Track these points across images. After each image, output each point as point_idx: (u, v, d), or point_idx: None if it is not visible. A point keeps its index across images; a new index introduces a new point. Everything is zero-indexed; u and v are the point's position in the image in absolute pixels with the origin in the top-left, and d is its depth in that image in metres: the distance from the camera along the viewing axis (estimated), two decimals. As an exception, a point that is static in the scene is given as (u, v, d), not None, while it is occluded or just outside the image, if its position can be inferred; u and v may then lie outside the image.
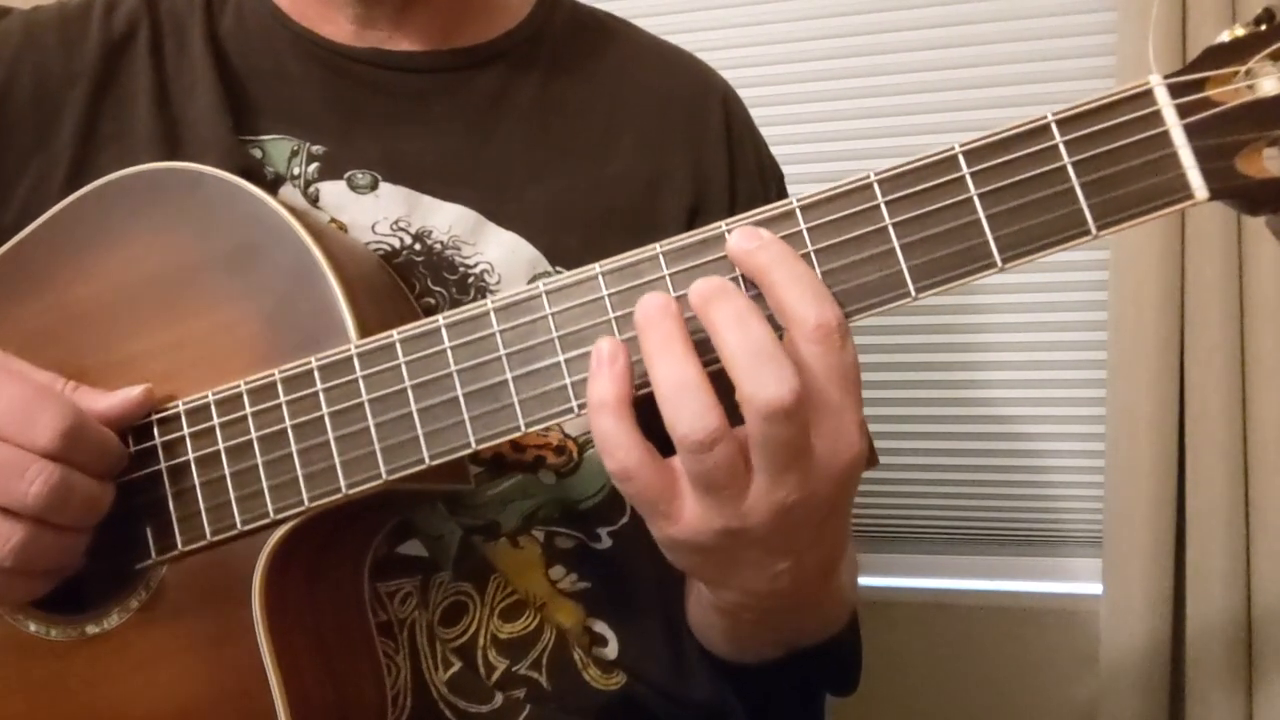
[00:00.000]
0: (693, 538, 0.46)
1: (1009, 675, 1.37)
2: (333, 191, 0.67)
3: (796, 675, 0.70)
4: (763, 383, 0.42)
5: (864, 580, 0.72)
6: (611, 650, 0.69)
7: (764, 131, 0.84)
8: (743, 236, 0.46)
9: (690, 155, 0.75)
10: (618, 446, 0.44)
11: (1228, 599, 1.16)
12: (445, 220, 0.68)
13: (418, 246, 0.67)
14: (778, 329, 0.45)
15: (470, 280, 0.67)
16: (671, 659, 0.71)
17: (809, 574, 0.50)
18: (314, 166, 0.67)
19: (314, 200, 0.67)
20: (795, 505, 0.45)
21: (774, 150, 0.83)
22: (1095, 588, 1.27)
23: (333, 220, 0.66)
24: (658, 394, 0.44)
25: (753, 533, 0.45)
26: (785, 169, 0.84)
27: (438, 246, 0.67)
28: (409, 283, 0.66)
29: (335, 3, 0.71)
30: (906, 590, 1.42)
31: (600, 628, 0.69)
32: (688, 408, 0.43)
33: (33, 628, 0.57)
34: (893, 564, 1.44)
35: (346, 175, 0.67)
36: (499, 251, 0.68)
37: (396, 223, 0.67)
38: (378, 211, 0.67)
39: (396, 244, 0.67)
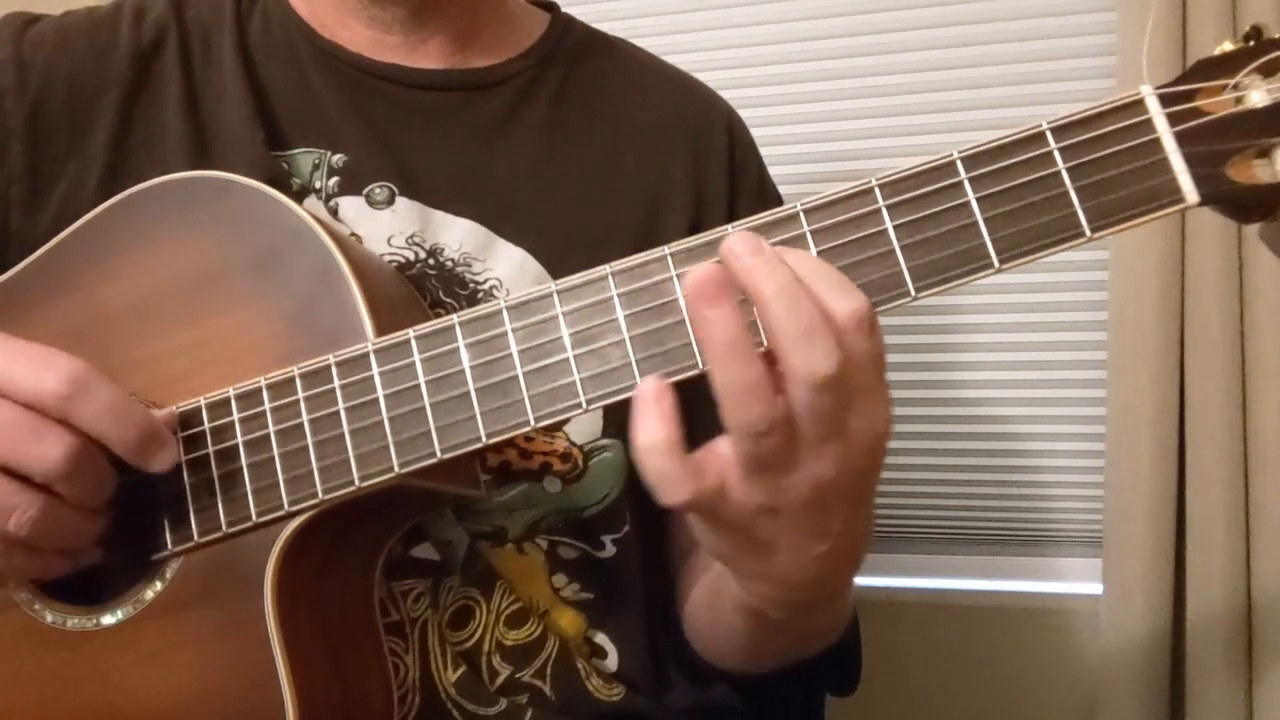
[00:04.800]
0: (735, 516, 0.46)
1: (1009, 675, 1.37)
2: (351, 206, 0.69)
3: (798, 678, 0.71)
4: (812, 356, 0.42)
5: (864, 580, 0.72)
6: (611, 662, 0.70)
7: (765, 132, 0.85)
8: (741, 240, 0.45)
9: (692, 178, 0.76)
10: (674, 483, 0.43)
11: (1228, 599, 1.16)
12: (456, 236, 0.69)
13: (431, 261, 0.68)
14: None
15: (480, 296, 0.68)
16: (669, 672, 0.72)
17: (841, 561, 0.50)
18: (334, 180, 0.69)
19: (334, 213, 0.69)
20: (833, 480, 0.45)
21: (775, 151, 0.84)
22: (1095, 588, 1.27)
23: (351, 234, 0.68)
24: (720, 392, 0.43)
25: (790, 508, 0.45)
26: (786, 169, 0.85)
27: (449, 264, 0.69)
28: (421, 293, 0.67)
29: (350, 8, 0.72)
30: (906, 590, 1.41)
31: (601, 639, 0.70)
32: (755, 408, 0.42)
33: (49, 618, 0.58)
34: (893, 564, 1.44)
35: (365, 191, 0.69)
36: (508, 267, 0.69)
37: (411, 238, 0.68)
38: (393, 226, 0.68)
39: (411, 256, 0.68)
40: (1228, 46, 0.43)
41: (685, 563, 0.76)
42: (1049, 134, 0.46)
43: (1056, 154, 0.46)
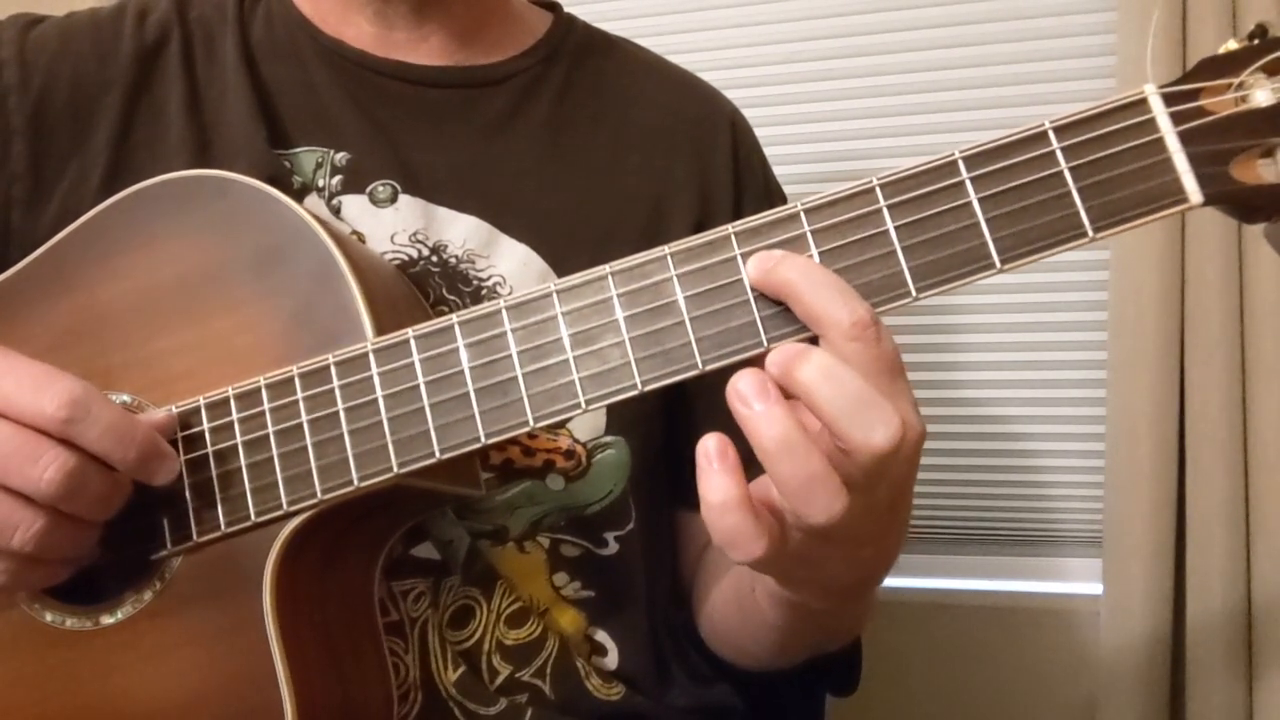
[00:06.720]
0: (792, 551, 0.45)
1: (1009, 675, 1.37)
2: (354, 204, 0.69)
3: (800, 677, 0.71)
4: (871, 428, 0.42)
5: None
6: (612, 660, 0.70)
7: (766, 132, 0.85)
8: (759, 260, 0.46)
9: (696, 176, 0.76)
10: (750, 540, 0.42)
11: (1228, 599, 1.16)
12: (460, 233, 0.69)
13: (435, 259, 0.68)
14: (814, 339, 0.46)
15: (484, 293, 0.68)
16: (671, 671, 0.72)
17: (886, 556, 0.51)
18: (338, 179, 0.69)
19: (336, 212, 0.69)
20: (881, 499, 0.45)
21: (776, 150, 0.84)
22: (1095, 588, 1.28)
23: (354, 232, 0.68)
24: (783, 489, 0.42)
25: (842, 534, 0.44)
26: (787, 169, 0.85)
27: (453, 260, 0.68)
28: (424, 291, 0.67)
29: (355, 3, 0.72)
30: (906, 590, 1.41)
31: (601, 637, 0.70)
32: (819, 500, 0.42)
33: (49, 617, 0.58)
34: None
35: (369, 189, 0.69)
36: (511, 264, 0.69)
37: (414, 235, 0.68)
38: (396, 223, 0.68)
39: (414, 254, 0.68)
40: (1232, 45, 0.43)
41: (703, 559, 0.76)
42: (1051, 133, 0.46)
43: (1059, 153, 0.46)
